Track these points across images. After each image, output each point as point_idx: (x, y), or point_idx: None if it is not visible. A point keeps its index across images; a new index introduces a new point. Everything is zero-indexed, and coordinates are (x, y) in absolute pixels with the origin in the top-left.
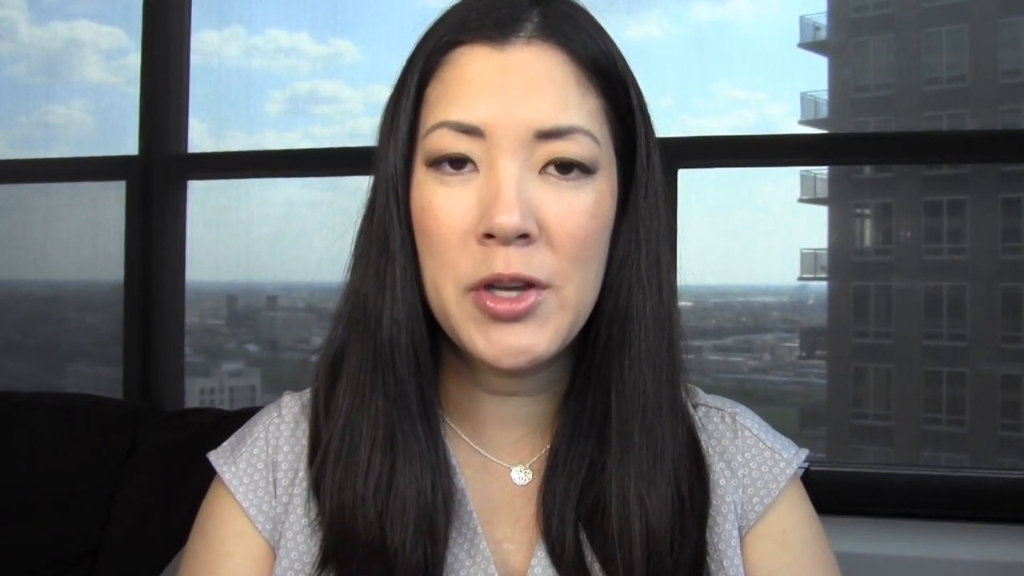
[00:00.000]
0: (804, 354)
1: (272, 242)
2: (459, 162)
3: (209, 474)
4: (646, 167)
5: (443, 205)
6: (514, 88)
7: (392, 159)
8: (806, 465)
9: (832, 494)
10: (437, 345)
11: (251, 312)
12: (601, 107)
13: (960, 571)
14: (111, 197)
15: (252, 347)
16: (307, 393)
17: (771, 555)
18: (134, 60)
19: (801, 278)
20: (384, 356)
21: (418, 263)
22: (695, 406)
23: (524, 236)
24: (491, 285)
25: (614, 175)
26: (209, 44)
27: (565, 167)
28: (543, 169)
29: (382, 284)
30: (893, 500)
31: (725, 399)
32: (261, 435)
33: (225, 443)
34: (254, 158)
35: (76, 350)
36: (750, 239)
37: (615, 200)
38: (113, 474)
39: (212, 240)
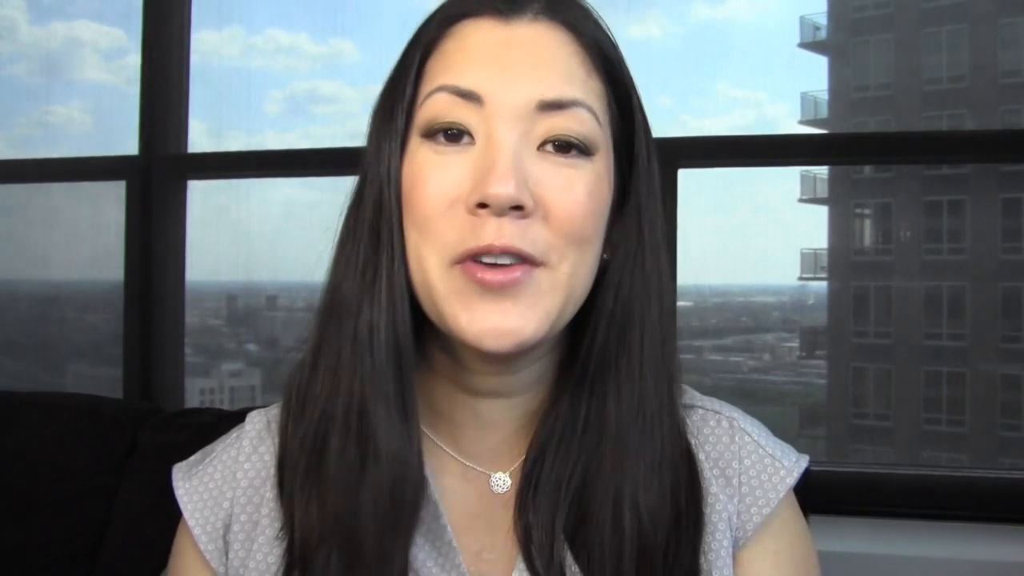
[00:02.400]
0: (804, 354)
1: (272, 242)
2: (455, 135)
3: None
4: (647, 166)
5: (434, 173)
6: (518, 59)
7: (390, 132)
8: (804, 465)
9: (832, 494)
10: (419, 343)
11: (251, 312)
12: (604, 91)
13: (960, 571)
14: (111, 197)
15: (252, 347)
16: (273, 409)
17: (760, 574)
18: (134, 60)
19: (801, 278)
20: (363, 340)
21: (404, 246)
22: (690, 408)
23: (518, 208)
24: (479, 259)
25: (611, 163)
26: (209, 44)
27: (564, 147)
28: (541, 146)
29: (367, 266)
30: (893, 500)
31: (723, 403)
32: (220, 455)
33: (191, 457)
34: (254, 158)
35: (76, 350)
36: (750, 239)
37: (612, 188)
38: (113, 474)
39: (212, 240)
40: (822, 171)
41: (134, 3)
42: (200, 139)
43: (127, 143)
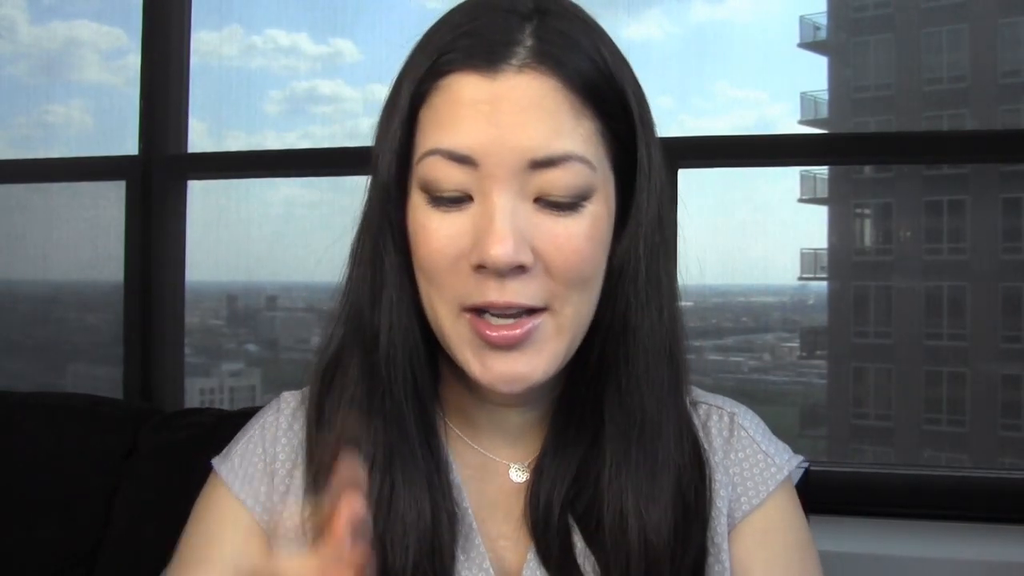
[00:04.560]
0: (804, 354)
1: (272, 242)
2: (453, 200)
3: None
4: (648, 178)
5: (436, 230)
6: (506, 117)
7: (385, 177)
8: (805, 466)
9: (832, 494)
10: (436, 349)
11: (251, 312)
12: (596, 129)
13: (960, 571)
14: (111, 197)
15: (252, 347)
16: (304, 391)
17: (747, 551)
18: (134, 60)
19: (801, 278)
20: (380, 377)
21: (415, 281)
22: (694, 404)
23: (519, 267)
24: (485, 312)
25: (611, 194)
26: (208, 44)
27: (557, 204)
28: (537, 199)
29: (377, 301)
30: (893, 500)
31: (726, 399)
32: (257, 432)
33: (224, 450)
34: (254, 158)
35: (76, 350)
36: (750, 239)
37: (612, 217)
38: (113, 474)
39: (212, 240)
40: (822, 171)
41: (134, 3)
42: (199, 139)
43: (127, 143)
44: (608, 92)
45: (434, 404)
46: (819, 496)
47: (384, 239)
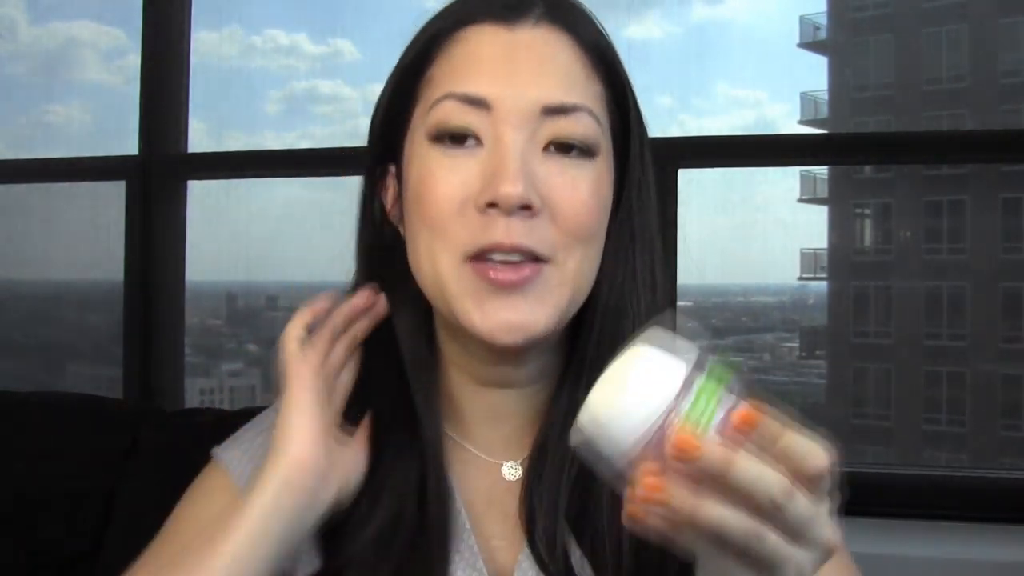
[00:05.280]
0: (804, 354)
1: (272, 242)
2: (461, 138)
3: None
4: (640, 163)
5: (444, 175)
6: (522, 65)
7: (386, 138)
8: None
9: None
10: (431, 336)
11: (251, 312)
12: (603, 93)
13: (960, 571)
14: (111, 197)
15: (252, 347)
16: None
17: None
18: (134, 60)
19: (801, 278)
20: (379, 355)
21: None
22: None
23: (527, 208)
24: (490, 256)
25: (611, 163)
26: (208, 44)
27: (567, 148)
28: (546, 148)
29: (380, 268)
30: (893, 500)
31: None
32: (262, 426)
33: (228, 439)
34: (254, 158)
35: (76, 350)
36: (750, 239)
37: (612, 187)
38: (113, 474)
39: (212, 240)
40: (822, 171)
41: (134, 3)
42: (199, 139)
43: (127, 143)
44: (613, 65)
45: (435, 389)
46: None
47: (377, 201)
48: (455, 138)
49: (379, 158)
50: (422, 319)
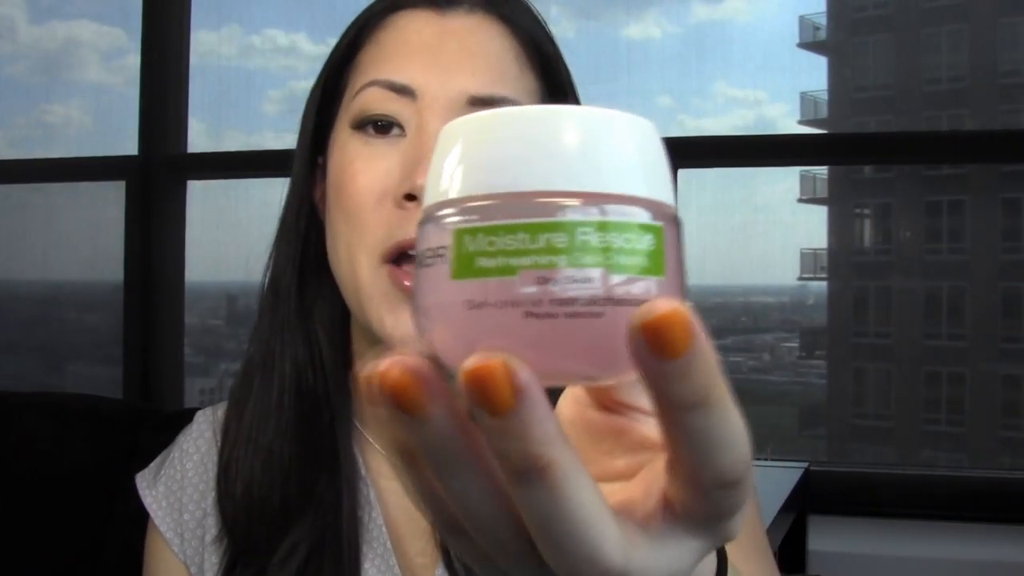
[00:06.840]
0: (804, 354)
1: (272, 242)
2: (385, 126)
3: None
4: None
5: (364, 165)
6: (451, 53)
7: (311, 126)
8: (804, 465)
9: (832, 494)
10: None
11: (251, 312)
12: (537, 88)
13: (960, 571)
14: (111, 197)
15: None
16: (221, 407)
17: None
18: (133, 60)
19: (801, 278)
20: (278, 390)
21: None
22: None
23: None
24: (405, 259)
25: None
26: (207, 44)
27: None
28: None
29: (297, 262)
30: (893, 500)
31: None
32: (177, 456)
33: (152, 463)
34: (253, 158)
35: (76, 350)
36: (750, 239)
37: None
38: (113, 474)
39: (212, 240)
40: (822, 171)
41: (133, 3)
42: (198, 139)
43: (127, 143)
44: (552, 59)
45: (347, 400)
46: (819, 496)
47: (300, 194)
48: (379, 127)
49: (310, 150)
50: (340, 317)
